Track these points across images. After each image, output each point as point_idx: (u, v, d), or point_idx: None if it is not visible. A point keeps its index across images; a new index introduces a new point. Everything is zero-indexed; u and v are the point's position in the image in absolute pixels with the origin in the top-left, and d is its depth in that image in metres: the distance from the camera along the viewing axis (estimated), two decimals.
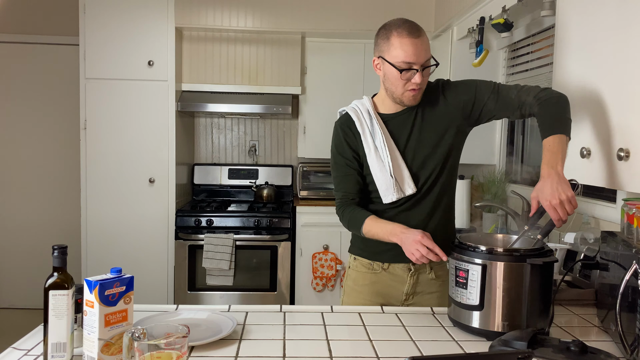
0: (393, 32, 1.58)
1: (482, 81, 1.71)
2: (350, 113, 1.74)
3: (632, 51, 1.40)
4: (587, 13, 1.63)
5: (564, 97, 1.55)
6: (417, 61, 1.57)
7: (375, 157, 1.68)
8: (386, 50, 1.60)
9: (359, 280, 1.82)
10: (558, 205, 1.34)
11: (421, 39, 1.58)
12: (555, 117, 1.50)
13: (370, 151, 1.68)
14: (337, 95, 3.88)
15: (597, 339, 1.40)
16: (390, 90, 1.65)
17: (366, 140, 1.69)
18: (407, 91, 1.62)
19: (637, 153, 1.37)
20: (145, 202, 3.62)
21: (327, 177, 3.98)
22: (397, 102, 1.68)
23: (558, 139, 1.44)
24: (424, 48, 1.58)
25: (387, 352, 1.28)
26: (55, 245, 1.16)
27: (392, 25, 1.60)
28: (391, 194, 1.67)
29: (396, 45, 1.57)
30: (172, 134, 3.62)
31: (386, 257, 1.76)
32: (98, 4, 3.52)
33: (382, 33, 1.63)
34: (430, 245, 1.48)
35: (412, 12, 3.63)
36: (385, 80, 1.65)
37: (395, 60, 1.58)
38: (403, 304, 1.79)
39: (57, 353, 1.15)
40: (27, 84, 4.31)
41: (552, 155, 1.42)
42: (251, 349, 1.28)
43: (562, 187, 1.35)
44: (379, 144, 1.68)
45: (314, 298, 3.70)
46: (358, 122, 1.70)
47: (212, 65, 3.82)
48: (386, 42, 1.60)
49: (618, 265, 1.32)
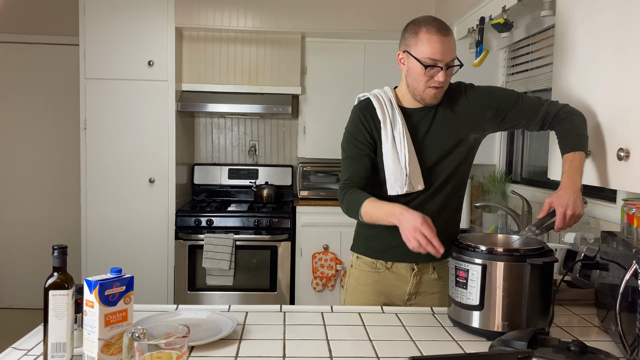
0: (422, 28, 1.59)
1: (506, 89, 1.74)
2: (372, 99, 1.71)
3: (632, 50, 1.40)
4: (587, 13, 1.64)
5: (583, 116, 1.61)
6: (442, 59, 1.58)
7: (391, 147, 1.66)
8: (413, 45, 1.61)
9: (361, 279, 1.81)
10: (570, 216, 1.43)
11: (449, 38, 1.59)
12: (577, 133, 1.57)
13: (388, 140, 1.67)
14: (337, 95, 3.88)
15: (597, 339, 1.40)
16: (412, 85, 1.66)
17: (385, 129, 1.67)
18: (429, 88, 1.62)
19: (637, 153, 1.37)
20: (145, 202, 3.62)
21: (327, 177, 3.98)
22: (417, 99, 1.68)
23: (579, 156, 1.53)
24: (450, 47, 1.59)
25: (387, 352, 1.28)
26: (55, 245, 1.16)
27: (421, 22, 1.61)
28: (400, 186, 1.66)
29: (424, 41, 1.58)
30: (172, 134, 3.62)
31: (390, 255, 1.76)
32: (98, 4, 3.52)
33: (411, 28, 1.63)
34: (429, 235, 1.41)
35: (412, 12, 3.61)
36: (409, 76, 1.66)
37: (422, 55, 1.58)
38: (405, 304, 1.79)
39: (57, 353, 1.15)
40: (27, 84, 4.31)
41: (574, 171, 1.51)
42: (251, 349, 1.28)
43: (578, 203, 1.45)
44: (397, 135, 1.67)
45: (314, 298, 3.70)
46: (380, 110, 1.69)
47: (212, 65, 3.82)
48: (414, 37, 1.60)
49: (618, 265, 1.32)
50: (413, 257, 1.73)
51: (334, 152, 3.92)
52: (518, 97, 1.68)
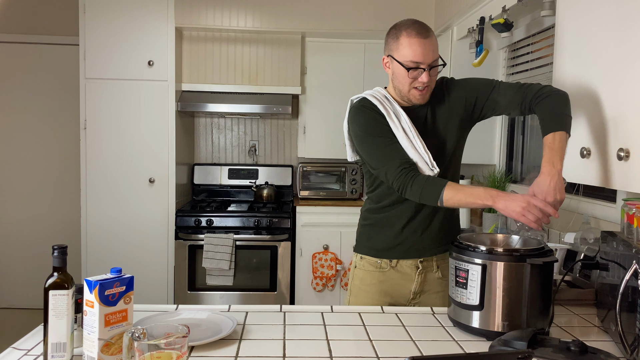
0: (402, 32, 1.63)
1: (483, 79, 1.76)
2: (369, 99, 1.72)
3: (631, 50, 1.40)
4: (587, 13, 1.63)
5: (565, 94, 1.57)
6: (424, 61, 1.61)
7: (404, 136, 1.66)
8: (395, 49, 1.65)
9: (366, 280, 1.82)
10: (551, 202, 1.39)
11: (429, 40, 1.62)
12: (555, 113, 1.53)
13: (399, 130, 1.67)
14: (337, 95, 3.88)
15: (597, 339, 1.40)
16: (398, 88, 1.70)
17: (392, 121, 1.67)
18: (413, 89, 1.66)
19: (637, 153, 1.37)
20: (145, 202, 3.62)
21: (327, 177, 3.99)
22: (405, 100, 1.72)
23: (559, 137, 1.47)
24: (431, 48, 1.62)
25: (387, 352, 1.28)
26: (55, 245, 1.16)
27: (402, 25, 1.65)
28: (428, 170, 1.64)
29: (405, 44, 1.62)
30: (172, 134, 3.62)
31: (394, 254, 1.78)
32: (98, 4, 3.52)
33: (392, 32, 1.68)
34: (541, 205, 1.38)
35: (412, 12, 3.63)
36: (394, 79, 1.71)
37: (403, 59, 1.63)
38: (410, 303, 1.80)
39: (57, 353, 1.15)
40: (27, 84, 4.31)
41: (553, 153, 1.45)
42: (251, 349, 1.28)
43: (559, 187, 1.40)
44: (405, 125, 1.68)
45: (314, 298, 3.70)
46: (381, 106, 1.70)
47: (212, 65, 3.82)
48: (395, 41, 1.65)
49: (618, 265, 1.32)
50: (417, 253, 1.77)
51: (334, 152, 3.93)
52: (496, 83, 1.72)
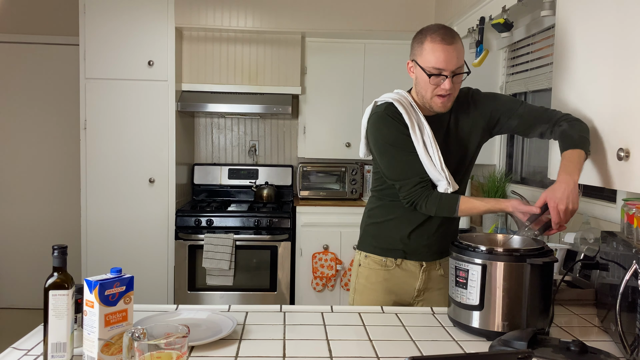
0: (427, 37, 1.61)
1: (510, 96, 1.79)
2: (396, 105, 1.69)
3: (633, 49, 1.40)
4: (587, 13, 1.63)
5: (585, 123, 1.59)
6: (446, 67, 1.59)
7: (423, 151, 1.66)
8: (419, 54, 1.63)
9: (371, 278, 1.83)
10: (563, 211, 1.40)
11: (454, 46, 1.59)
12: (579, 135, 1.54)
13: (419, 144, 1.66)
14: (337, 95, 3.88)
15: (597, 339, 1.40)
16: (420, 94, 1.68)
17: (414, 133, 1.67)
18: (436, 96, 1.64)
19: (637, 153, 1.37)
20: (145, 202, 3.62)
21: (327, 177, 3.98)
22: (427, 107, 1.69)
23: (577, 153, 1.50)
24: (455, 55, 1.59)
25: (387, 352, 1.28)
26: (55, 245, 1.16)
27: (427, 30, 1.63)
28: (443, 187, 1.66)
29: (428, 50, 1.60)
30: (172, 134, 3.62)
31: (399, 254, 1.80)
32: (98, 4, 3.52)
33: (418, 37, 1.65)
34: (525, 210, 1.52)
35: (412, 12, 3.63)
36: (417, 84, 1.68)
37: (426, 65, 1.60)
38: (414, 300, 1.82)
39: (57, 353, 1.15)
40: (27, 84, 4.31)
41: (572, 165, 1.47)
42: (251, 349, 1.28)
43: (573, 197, 1.42)
44: (427, 139, 1.67)
45: (314, 298, 3.70)
46: (406, 115, 1.68)
47: (212, 65, 3.82)
48: (420, 46, 1.63)
49: (618, 265, 1.32)
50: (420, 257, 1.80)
51: (334, 152, 3.93)
52: (521, 103, 1.72)
